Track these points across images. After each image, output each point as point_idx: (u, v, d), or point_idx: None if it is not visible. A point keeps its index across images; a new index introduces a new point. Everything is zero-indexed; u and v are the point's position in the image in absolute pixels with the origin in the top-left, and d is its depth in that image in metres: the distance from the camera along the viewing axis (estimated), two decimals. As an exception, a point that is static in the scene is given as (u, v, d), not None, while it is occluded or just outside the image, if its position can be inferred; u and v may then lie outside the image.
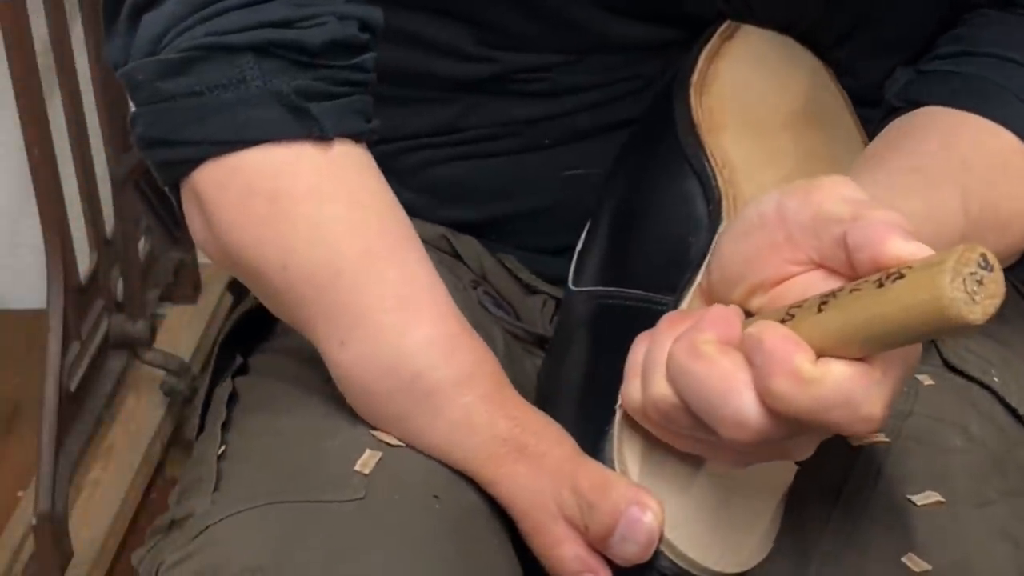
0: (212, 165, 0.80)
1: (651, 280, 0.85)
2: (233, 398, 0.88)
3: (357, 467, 0.79)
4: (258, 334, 0.93)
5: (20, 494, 1.65)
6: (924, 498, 0.79)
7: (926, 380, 0.86)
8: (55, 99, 1.58)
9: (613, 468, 0.78)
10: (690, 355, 0.71)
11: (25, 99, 1.48)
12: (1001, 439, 0.84)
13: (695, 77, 0.90)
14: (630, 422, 0.78)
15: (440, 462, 0.80)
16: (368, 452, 0.80)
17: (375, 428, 0.81)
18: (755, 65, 0.92)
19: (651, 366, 0.74)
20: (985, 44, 0.88)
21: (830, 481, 0.80)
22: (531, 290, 0.97)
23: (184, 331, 1.85)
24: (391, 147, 0.94)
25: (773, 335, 0.68)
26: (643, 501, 0.75)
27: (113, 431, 1.71)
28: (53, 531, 1.48)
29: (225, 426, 0.86)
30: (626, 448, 0.78)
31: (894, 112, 0.90)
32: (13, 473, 1.70)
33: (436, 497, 0.78)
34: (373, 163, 0.83)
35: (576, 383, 0.85)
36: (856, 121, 0.94)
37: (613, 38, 0.92)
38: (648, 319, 0.80)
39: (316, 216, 0.80)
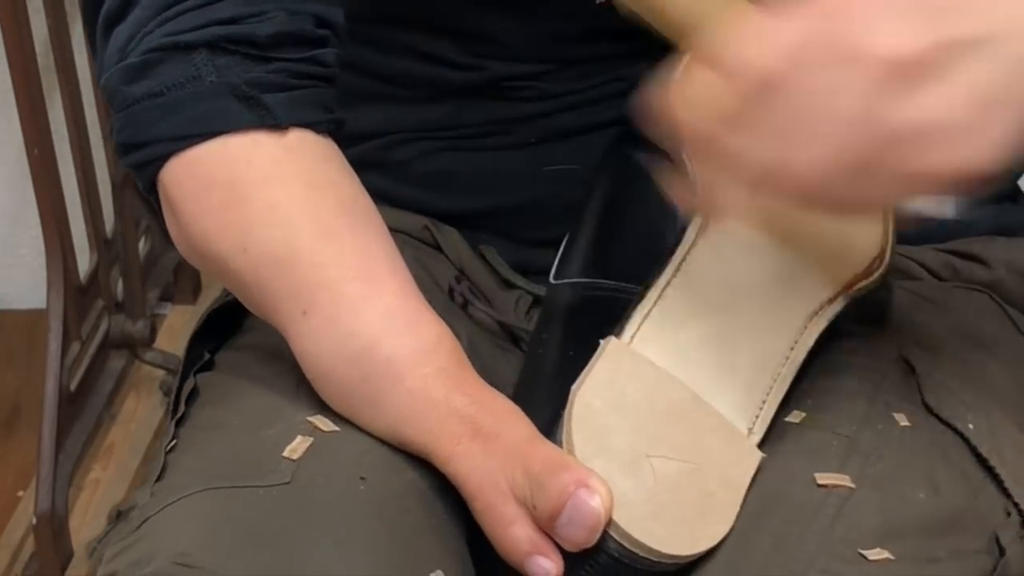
0: (174, 161, 0.82)
1: (627, 271, 0.86)
2: (194, 394, 0.89)
3: (286, 453, 0.79)
4: (227, 331, 0.94)
5: (20, 494, 1.65)
6: (875, 554, 0.77)
7: (902, 420, 0.84)
8: (55, 99, 1.58)
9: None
10: None
11: (25, 99, 1.48)
12: (966, 490, 0.82)
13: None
14: (583, 404, 0.78)
15: (376, 442, 0.80)
16: (299, 438, 0.80)
17: (317, 414, 0.82)
18: None
19: None
20: None
21: (782, 522, 0.79)
22: (508, 285, 0.98)
23: (184, 331, 1.85)
24: (383, 141, 0.97)
25: None
26: (591, 484, 0.74)
27: (113, 431, 1.71)
28: (53, 531, 1.49)
29: (181, 421, 0.87)
30: (575, 428, 0.78)
31: None
32: (13, 473, 1.70)
33: (363, 479, 0.78)
34: (335, 151, 0.84)
35: (548, 370, 0.86)
36: None
37: (602, 49, 0.94)
38: (616, 309, 0.81)
39: (272, 198, 0.81)
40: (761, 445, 0.81)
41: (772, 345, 0.83)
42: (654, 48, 0.93)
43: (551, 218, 0.95)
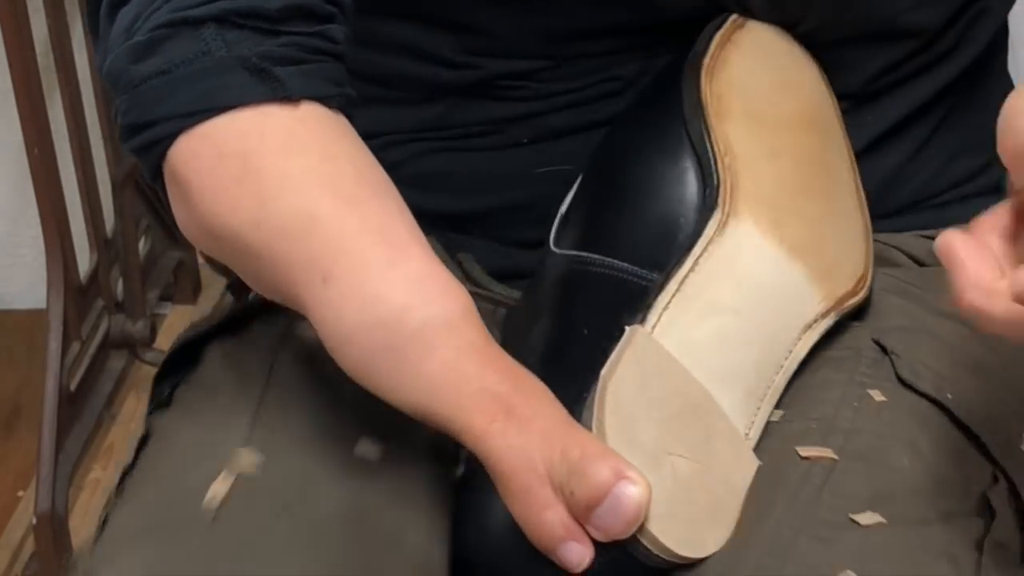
0: (184, 139, 0.80)
1: (637, 254, 0.84)
2: (145, 440, 0.88)
3: (208, 495, 0.78)
4: (188, 366, 0.92)
5: (20, 494, 1.65)
6: (867, 518, 0.77)
7: (877, 395, 0.84)
8: (55, 99, 1.58)
9: None
10: None
11: (25, 99, 1.48)
12: (950, 457, 0.82)
13: (707, 60, 0.89)
14: (614, 392, 0.77)
15: (300, 469, 0.80)
16: (220, 479, 0.79)
17: (247, 445, 0.81)
18: (762, 59, 0.92)
19: None
20: None
21: (770, 494, 0.79)
22: (483, 294, 0.97)
23: (184, 331, 1.85)
24: (377, 142, 0.94)
25: None
26: (634, 477, 0.73)
27: (113, 431, 1.71)
28: (53, 531, 1.49)
29: (129, 470, 0.87)
30: (607, 417, 0.77)
31: None
32: (13, 473, 1.70)
33: (285, 508, 0.78)
34: (346, 124, 0.83)
35: (544, 346, 0.84)
36: (844, 129, 0.94)
37: (597, 46, 0.93)
38: (630, 292, 0.80)
39: (286, 169, 0.79)
40: None
41: (772, 352, 0.83)
42: (649, 47, 0.94)
43: (544, 219, 0.94)
